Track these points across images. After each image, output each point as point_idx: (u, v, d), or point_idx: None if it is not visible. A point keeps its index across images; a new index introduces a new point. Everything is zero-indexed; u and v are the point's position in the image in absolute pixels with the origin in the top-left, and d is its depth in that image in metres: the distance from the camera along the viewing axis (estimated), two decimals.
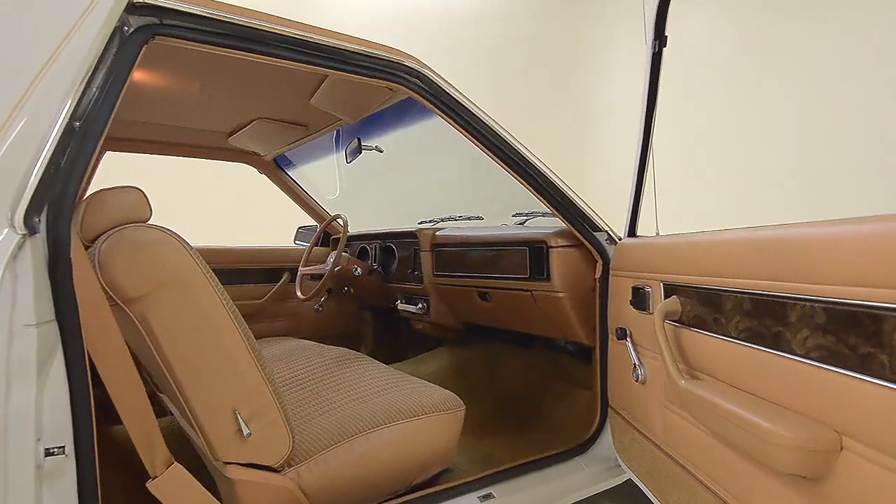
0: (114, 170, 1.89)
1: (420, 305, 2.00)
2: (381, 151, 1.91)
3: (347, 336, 2.60)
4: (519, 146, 1.32)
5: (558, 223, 1.56)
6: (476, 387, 1.99)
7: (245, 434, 1.01)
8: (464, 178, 2.84)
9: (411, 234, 2.05)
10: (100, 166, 2.01)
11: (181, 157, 2.20)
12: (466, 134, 1.28)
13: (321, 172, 2.47)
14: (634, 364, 1.19)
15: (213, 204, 3.17)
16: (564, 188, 1.37)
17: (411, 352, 2.53)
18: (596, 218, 1.40)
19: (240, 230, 2.97)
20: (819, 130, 3.05)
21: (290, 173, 2.39)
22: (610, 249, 1.42)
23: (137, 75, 1.54)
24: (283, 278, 2.39)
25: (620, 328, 1.24)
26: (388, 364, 1.85)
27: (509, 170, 1.33)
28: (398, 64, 1.18)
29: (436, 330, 2.04)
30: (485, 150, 1.30)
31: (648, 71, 1.20)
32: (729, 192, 3.42)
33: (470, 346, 2.14)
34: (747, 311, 0.84)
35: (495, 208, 2.11)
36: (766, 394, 0.80)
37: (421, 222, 2.28)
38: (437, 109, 1.25)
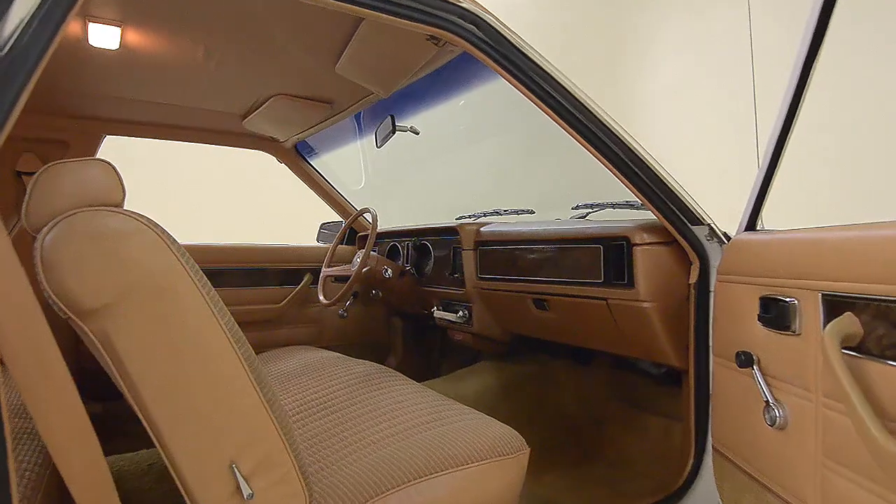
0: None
1: (461, 313, 1.72)
2: (418, 133, 1.63)
3: (374, 345, 2.33)
4: (604, 116, 1.03)
5: (628, 217, 1.27)
6: (527, 410, 1.69)
7: (246, 496, 0.74)
8: (508, 166, 2.54)
9: (450, 231, 1.76)
10: (98, 153, 1.79)
11: (192, 144, 1.97)
12: (536, 99, 1.00)
13: (348, 162, 2.21)
14: (767, 401, 0.88)
15: (228, 198, 2.95)
16: (659, 169, 1.07)
17: (447, 365, 2.25)
18: (697, 208, 1.10)
19: (259, 227, 2.75)
20: None
21: (312, 163, 2.14)
22: (711, 248, 1.11)
23: (137, 47, 1.29)
24: (305, 280, 2.14)
25: (744, 352, 0.93)
26: (421, 381, 1.58)
27: (589, 146, 1.03)
28: (450, 4, 0.90)
29: (478, 342, 1.75)
30: (558, 119, 1.02)
31: (814, 23, 0.89)
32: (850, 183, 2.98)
33: (517, 361, 1.84)
34: None
35: (549, 201, 1.81)
36: None
37: (459, 218, 2.00)
38: (497, 66, 0.97)
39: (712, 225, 1.11)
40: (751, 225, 1.02)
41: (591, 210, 1.56)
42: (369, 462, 0.94)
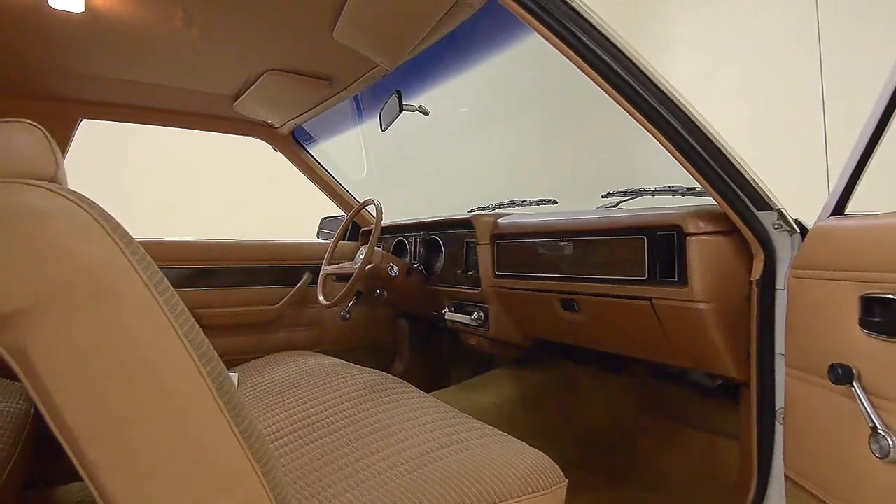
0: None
1: (476, 315, 1.54)
2: (427, 113, 1.45)
3: (379, 350, 2.16)
4: (661, 79, 0.85)
5: (664, 204, 1.09)
6: (550, 424, 1.52)
7: None
8: (525, 152, 2.35)
9: (463, 223, 1.59)
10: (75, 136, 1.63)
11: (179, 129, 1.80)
12: (578, 58, 0.82)
13: (349, 152, 2.03)
14: (874, 427, 0.70)
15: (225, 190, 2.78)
16: (724, 144, 0.89)
17: (458, 372, 2.07)
18: (766, 190, 0.92)
19: (258, 222, 2.58)
20: None
21: (311, 151, 1.96)
22: (779, 238, 0.93)
23: (106, 12, 1.12)
24: (304, 279, 1.96)
25: (840, 365, 0.75)
26: (430, 389, 1.40)
27: (641, 116, 0.86)
28: None
29: (494, 347, 1.57)
30: (604, 83, 0.84)
31: None
32: None
33: (537, 368, 1.66)
34: None
35: (573, 189, 1.63)
36: None
37: (471, 210, 1.82)
38: (530, 15, 0.79)
39: (783, 210, 0.92)
40: (839, 209, 0.84)
41: (625, 198, 1.38)
42: (375, 499, 0.76)
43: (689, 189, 1.21)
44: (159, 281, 0.56)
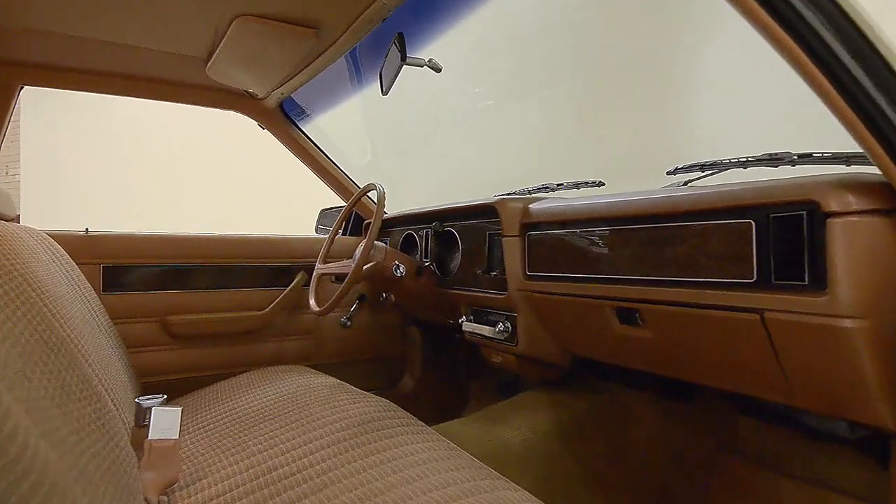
0: None
1: (501, 326, 1.22)
2: (440, 70, 1.14)
3: (386, 363, 1.86)
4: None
5: (753, 177, 0.77)
6: (597, 465, 1.19)
7: None
8: (558, 127, 2.01)
9: (485, 211, 1.27)
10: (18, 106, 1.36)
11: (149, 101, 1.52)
12: None
13: (350, 130, 1.73)
14: None
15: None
16: None
17: (477, 388, 1.76)
18: None
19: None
20: None
21: (305, 129, 1.67)
22: None
23: None
24: (297, 279, 1.67)
25: None
26: (445, 412, 1.10)
27: (811, 60, 0.54)
28: None
29: (524, 367, 1.25)
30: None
31: None
32: None
33: (577, 391, 1.33)
34: None
35: (622, 170, 1.30)
36: None
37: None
38: None
39: None
40: None
41: (702, 174, 1.04)
42: None
43: (802, 156, 0.87)
44: None
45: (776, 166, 0.90)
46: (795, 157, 0.87)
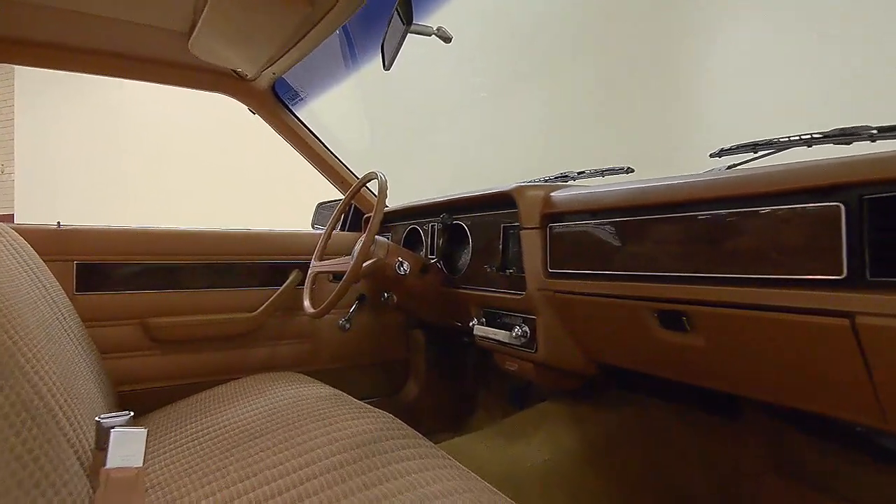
0: None
1: (518, 330, 1.08)
2: (449, 39, 1.01)
3: (389, 369, 1.72)
4: None
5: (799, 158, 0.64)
6: (628, 487, 1.05)
7: None
8: (578, 111, 1.86)
9: (500, 201, 1.13)
10: None
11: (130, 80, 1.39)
12: None
13: (348, 115, 1.59)
14: None
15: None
16: None
17: (487, 395, 1.63)
18: None
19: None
20: None
21: (299, 115, 1.53)
22: None
23: None
24: (292, 278, 1.54)
25: None
26: (453, 424, 0.97)
27: None
28: None
29: (544, 376, 1.11)
30: None
31: None
32: None
33: (603, 404, 1.20)
34: None
35: (652, 155, 1.16)
36: None
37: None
38: None
39: None
40: None
41: (753, 155, 0.90)
42: None
43: (884, 129, 0.73)
44: None
45: (849, 143, 0.76)
46: (875, 131, 0.73)
